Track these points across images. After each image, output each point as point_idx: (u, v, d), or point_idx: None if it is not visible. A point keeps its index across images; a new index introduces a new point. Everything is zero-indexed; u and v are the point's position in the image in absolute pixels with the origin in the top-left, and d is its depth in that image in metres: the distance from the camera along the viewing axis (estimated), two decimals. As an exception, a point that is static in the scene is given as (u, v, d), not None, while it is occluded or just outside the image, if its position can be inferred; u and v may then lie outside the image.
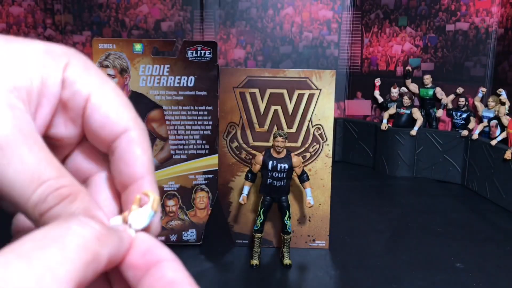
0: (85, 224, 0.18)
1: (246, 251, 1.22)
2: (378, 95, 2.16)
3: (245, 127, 1.21)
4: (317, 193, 1.22)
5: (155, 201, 0.22)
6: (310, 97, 1.19)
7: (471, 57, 1.91)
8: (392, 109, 2.04)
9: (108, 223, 0.21)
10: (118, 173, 0.22)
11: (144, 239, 0.21)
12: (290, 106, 1.20)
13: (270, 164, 1.10)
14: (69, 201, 0.20)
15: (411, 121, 1.99)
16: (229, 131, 1.21)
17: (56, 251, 0.17)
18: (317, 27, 2.26)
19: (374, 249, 1.24)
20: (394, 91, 2.08)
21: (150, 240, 0.21)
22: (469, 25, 1.90)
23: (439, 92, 1.98)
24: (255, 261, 1.14)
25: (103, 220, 0.21)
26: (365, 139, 2.16)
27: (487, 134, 1.76)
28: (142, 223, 0.22)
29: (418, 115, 1.98)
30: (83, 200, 0.20)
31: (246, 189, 1.14)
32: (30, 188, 0.19)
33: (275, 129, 1.19)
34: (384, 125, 2.02)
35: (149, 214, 0.22)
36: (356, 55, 2.27)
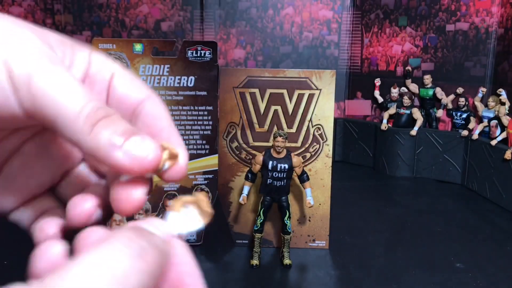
0: (149, 234, 0.20)
1: (246, 251, 1.22)
2: (378, 95, 2.16)
3: (245, 127, 1.21)
4: (317, 193, 1.22)
5: (207, 214, 0.22)
6: (310, 97, 1.19)
7: (471, 57, 1.91)
8: (392, 109, 2.03)
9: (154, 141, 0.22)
10: (145, 127, 0.24)
11: (180, 255, 0.22)
12: (290, 106, 1.20)
13: (270, 164, 1.10)
14: (118, 117, 0.21)
15: (411, 121, 1.99)
16: (229, 131, 1.21)
17: None
18: (317, 27, 2.26)
19: (374, 249, 1.24)
20: (394, 91, 2.08)
21: (184, 258, 0.22)
22: (469, 25, 1.90)
23: (439, 92, 1.98)
24: (255, 261, 1.14)
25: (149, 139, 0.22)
26: (365, 139, 2.16)
27: (487, 134, 1.76)
28: (184, 229, 0.22)
29: (418, 115, 1.98)
30: (125, 122, 0.22)
31: (246, 189, 1.14)
32: (81, 101, 0.20)
33: (275, 129, 1.19)
34: (384, 125, 2.02)
35: (196, 225, 0.22)
36: (356, 55, 2.27)
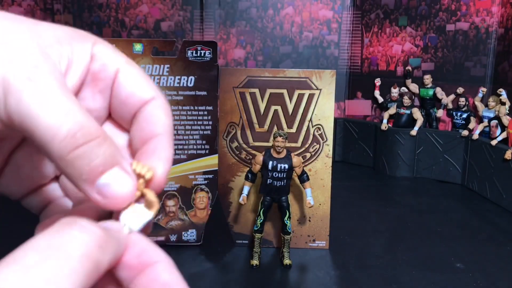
0: (87, 230, 0.18)
1: (246, 251, 1.22)
2: (378, 95, 2.15)
3: (245, 127, 1.21)
4: (317, 193, 1.22)
5: (154, 204, 0.22)
6: (310, 97, 1.19)
7: (471, 57, 1.90)
8: (392, 109, 2.03)
9: (130, 171, 0.21)
10: (139, 131, 0.23)
11: (138, 240, 0.21)
12: (290, 106, 1.20)
13: (270, 164, 1.10)
14: (98, 143, 0.19)
15: (411, 121, 1.99)
16: (229, 131, 1.21)
17: (61, 262, 0.17)
18: (317, 27, 2.25)
19: (374, 249, 1.24)
20: (394, 91, 2.08)
21: (144, 241, 0.21)
22: (469, 25, 1.89)
23: (439, 92, 1.98)
24: (255, 261, 1.14)
25: (128, 169, 0.21)
26: (365, 139, 2.16)
27: (487, 134, 1.76)
28: (136, 224, 0.21)
29: (418, 115, 1.98)
30: (110, 146, 0.20)
31: (246, 189, 1.14)
32: (59, 121, 0.19)
33: (275, 129, 1.19)
34: (384, 125, 2.02)
35: (146, 218, 0.21)
36: (356, 55, 2.27)
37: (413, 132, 1.95)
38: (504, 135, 1.64)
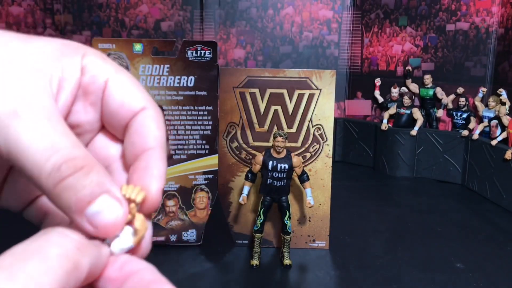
0: (65, 235, 0.19)
1: (246, 251, 1.22)
2: (378, 95, 2.15)
3: (245, 127, 1.21)
4: (317, 193, 1.22)
5: (138, 232, 0.21)
6: (310, 97, 1.19)
7: (471, 57, 1.90)
8: (392, 109, 2.03)
9: (121, 197, 0.21)
10: (131, 145, 0.23)
11: (121, 256, 0.21)
12: (290, 106, 1.20)
13: (270, 164, 1.10)
14: (84, 173, 0.19)
15: (411, 121, 1.99)
16: (229, 131, 1.21)
17: (38, 262, 0.17)
18: (317, 27, 2.25)
19: (374, 249, 1.24)
20: (394, 91, 2.08)
21: (126, 256, 0.21)
22: (470, 25, 1.89)
23: (440, 92, 1.98)
24: (255, 262, 1.14)
25: (117, 195, 0.20)
26: (365, 139, 2.16)
27: (487, 134, 1.76)
28: (117, 247, 0.21)
29: (418, 115, 1.98)
30: (98, 173, 0.20)
31: (246, 189, 1.14)
32: (44, 156, 0.19)
33: (275, 129, 1.19)
34: (384, 125, 2.02)
35: (127, 244, 0.21)
36: (356, 55, 2.27)
37: (413, 132, 1.95)
38: (504, 135, 1.64)
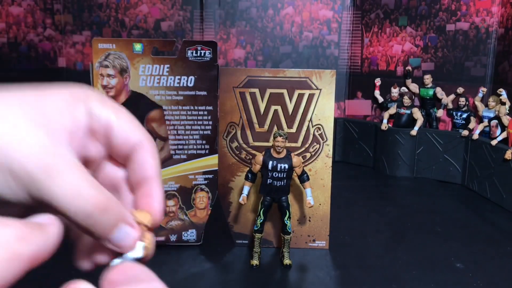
0: (5, 225, 0.21)
1: (246, 251, 1.22)
2: (378, 95, 2.15)
3: (245, 127, 1.21)
4: (317, 193, 1.22)
5: (147, 250, 0.26)
6: (310, 97, 1.19)
7: (471, 57, 1.90)
8: (392, 109, 2.03)
9: (133, 222, 0.26)
10: (133, 172, 0.28)
11: (126, 263, 0.25)
12: (290, 106, 1.20)
13: (270, 164, 1.10)
14: (107, 211, 0.24)
15: (411, 121, 1.99)
16: (229, 131, 1.21)
17: None
18: (317, 27, 2.25)
19: (374, 249, 1.24)
20: (394, 91, 2.08)
21: (130, 263, 0.25)
22: (470, 25, 1.89)
23: (440, 92, 1.98)
24: (255, 261, 1.14)
25: (131, 221, 0.26)
26: (365, 139, 2.16)
27: (487, 134, 1.76)
28: (132, 256, 0.26)
29: (418, 115, 1.98)
30: (116, 207, 0.25)
31: (246, 189, 1.14)
32: (76, 206, 0.23)
33: (275, 129, 1.19)
34: (384, 125, 2.02)
35: (133, 255, 0.26)
36: (356, 55, 2.27)
37: (413, 132, 1.95)
38: (504, 135, 1.64)
